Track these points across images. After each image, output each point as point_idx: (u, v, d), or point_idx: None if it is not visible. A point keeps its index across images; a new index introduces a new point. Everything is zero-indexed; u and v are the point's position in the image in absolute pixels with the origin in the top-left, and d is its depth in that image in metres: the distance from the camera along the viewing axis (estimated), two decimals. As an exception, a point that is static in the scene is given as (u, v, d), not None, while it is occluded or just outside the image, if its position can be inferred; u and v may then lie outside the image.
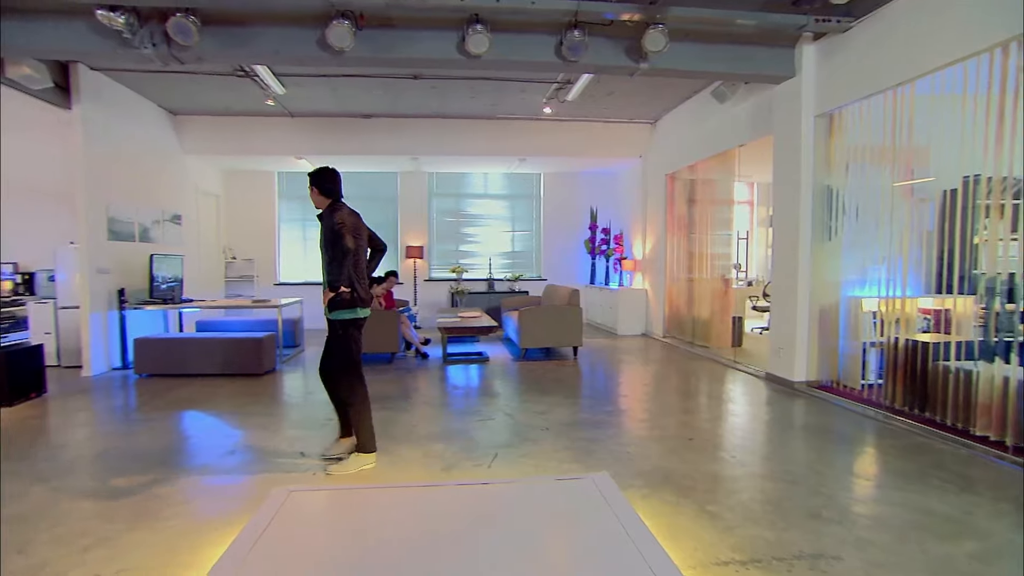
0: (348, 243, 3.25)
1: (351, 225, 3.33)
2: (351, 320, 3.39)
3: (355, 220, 3.42)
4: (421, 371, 6.27)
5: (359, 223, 3.45)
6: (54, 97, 5.83)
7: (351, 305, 3.35)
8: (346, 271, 3.30)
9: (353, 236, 3.30)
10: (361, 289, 3.39)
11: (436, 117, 8.52)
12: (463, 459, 3.53)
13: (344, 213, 3.37)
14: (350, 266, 3.31)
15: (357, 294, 3.36)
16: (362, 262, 3.46)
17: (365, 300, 3.43)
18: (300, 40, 4.61)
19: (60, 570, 2.28)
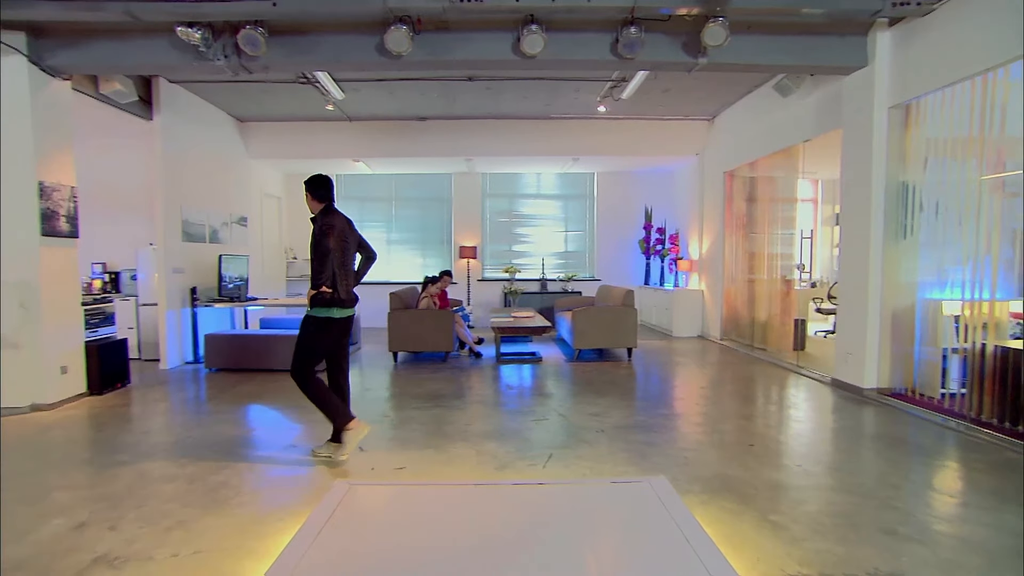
0: (330, 243, 3.41)
1: (338, 228, 3.48)
2: (324, 318, 3.52)
3: (343, 224, 3.57)
4: (474, 370, 6.32)
5: (347, 228, 3.60)
6: (138, 109, 6.24)
7: (328, 304, 3.49)
8: (327, 271, 3.43)
9: (339, 239, 3.46)
10: (343, 291, 3.52)
11: (490, 118, 8.59)
12: (517, 459, 3.54)
13: (332, 217, 3.53)
14: (334, 266, 3.45)
15: (338, 295, 3.50)
16: (348, 265, 3.59)
17: (345, 301, 3.55)
18: (360, 46, 4.74)
19: (146, 547, 2.43)
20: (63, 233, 5.02)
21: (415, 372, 6.22)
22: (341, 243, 3.49)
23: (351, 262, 3.65)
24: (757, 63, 4.93)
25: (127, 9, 4.17)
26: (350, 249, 3.61)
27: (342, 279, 3.51)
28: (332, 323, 3.56)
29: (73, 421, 4.42)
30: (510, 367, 6.50)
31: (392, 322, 6.68)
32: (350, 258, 3.63)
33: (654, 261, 10.23)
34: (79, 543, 2.48)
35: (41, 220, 4.79)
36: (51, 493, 3.03)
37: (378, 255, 3.89)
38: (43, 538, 2.53)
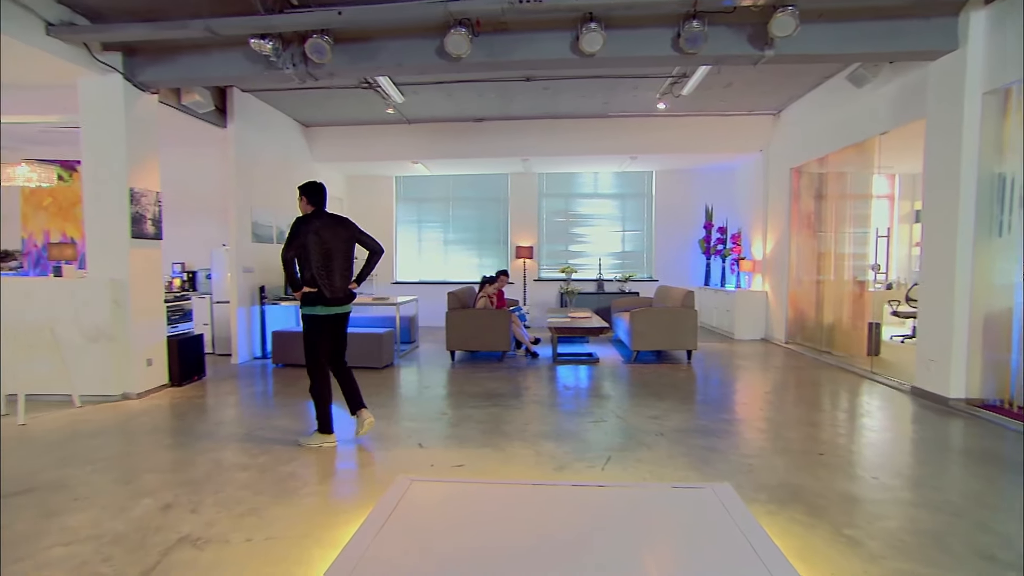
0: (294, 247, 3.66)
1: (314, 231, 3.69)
2: (309, 316, 3.76)
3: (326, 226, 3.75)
4: (531, 370, 6.33)
5: (331, 229, 3.78)
6: (214, 118, 6.62)
7: (312, 303, 3.73)
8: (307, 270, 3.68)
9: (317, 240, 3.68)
10: (326, 290, 3.71)
11: (547, 118, 8.57)
12: (575, 460, 3.51)
13: (309, 223, 3.72)
14: (313, 268, 3.68)
15: (321, 293, 3.68)
16: (331, 266, 3.75)
17: (329, 300, 3.74)
18: (420, 50, 4.84)
19: (223, 531, 2.58)
20: (149, 235, 5.39)
21: (472, 371, 6.29)
22: (320, 247, 3.69)
23: (336, 263, 3.78)
24: (830, 53, 4.68)
25: (207, 25, 4.43)
26: (335, 250, 3.77)
27: (324, 279, 3.71)
28: (319, 320, 3.75)
29: (157, 410, 4.74)
30: (567, 368, 6.46)
31: (450, 321, 6.78)
32: (334, 259, 3.77)
33: (715, 261, 9.92)
34: (166, 523, 2.65)
35: (131, 223, 5.16)
36: (141, 475, 3.26)
37: (384, 249, 4.03)
38: (135, 516, 2.73)
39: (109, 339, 5.04)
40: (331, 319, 3.84)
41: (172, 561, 2.32)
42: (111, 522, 2.67)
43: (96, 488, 3.09)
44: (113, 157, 5.08)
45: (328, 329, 3.84)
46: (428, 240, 10.77)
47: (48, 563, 2.33)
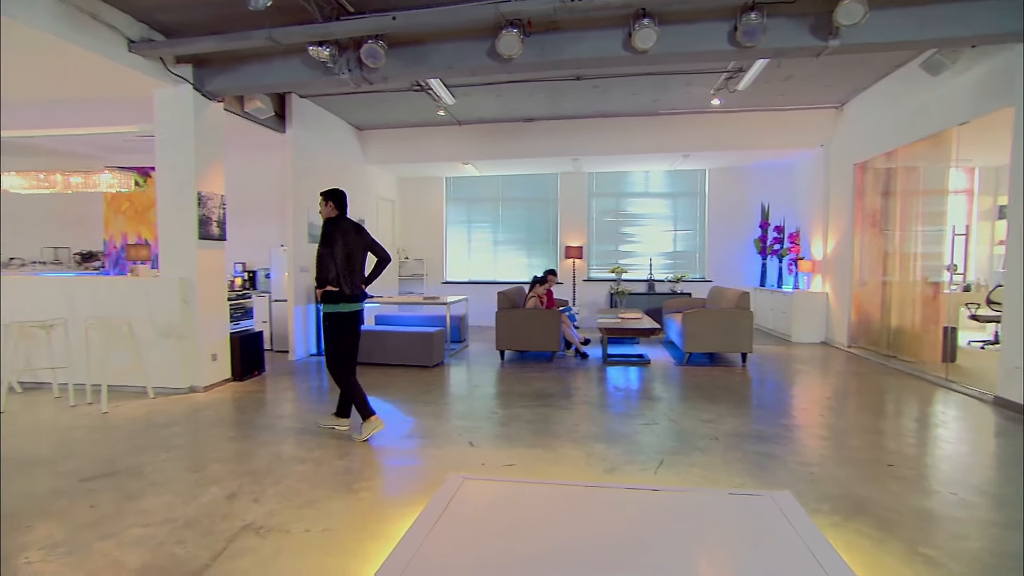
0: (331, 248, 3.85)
1: (341, 233, 3.89)
2: (334, 313, 3.93)
3: (349, 230, 3.95)
4: (581, 371, 6.28)
5: (353, 234, 3.97)
6: (274, 123, 6.90)
7: (335, 300, 3.89)
8: (332, 270, 3.84)
9: (343, 243, 3.87)
10: (347, 287, 3.89)
11: (597, 117, 8.49)
12: (626, 462, 3.46)
13: (339, 226, 3.92)
14: (338, 267, 3.85)
15: (342, 291, 3.86)
16: (355, 265, 3.96)
17: (349, 297, 3.93)
18: (472, 52, 4.88)
19: (284, 520, 2.68)
20: (214, 236, 5.66)
21: (522, 371, 6.30)
22: (346, 249, 3.89)
23: (356, 264, 3.99)
24: (904, 40, 4.40)
25: (270, 35, 4.61)
26: (355, 254, 3.97)
27: (347, 278, 3.89)
28: (344, 317, 3.96)
29: (221, 403, 4.97)
30: (617, 369, 6.38)
31: (500, 321, 6.82)
32: (356, 260, 3.99)
33: (771, 261, 9.57)
34: (231, 510, 2.78)
35: (198, 225, 5.43)
36: (209, 464, 3.43)
37: (391, 258, 4.23)
38: (204, 502, 2.87)
39: (178, 335, 5.32)
40: (353, 316, 4.02)
41: (238, 547, 2.43)
42: (183, 507, 2.82)
43: (169, 475, 3.27)
44: (183, 163, 5.38)
45: (351, 325, 4.02)
46: (477, 240, 10.86)
47: (130, 542, 2.49)
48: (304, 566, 2.31)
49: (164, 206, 5.46)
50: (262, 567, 2.29)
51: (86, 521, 2.70)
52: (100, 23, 4.47)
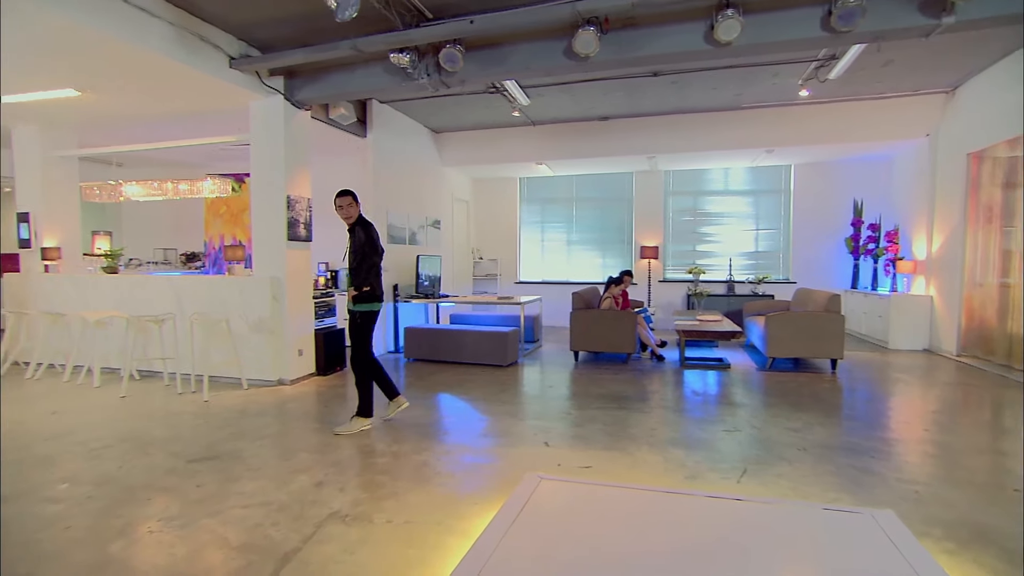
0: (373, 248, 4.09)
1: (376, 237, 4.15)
2: (369, 312, 4.13)
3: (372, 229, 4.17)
4: (657, 374, 6.12)
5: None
6: (356, 129, 7.21)
7: (370, 300, 4.08)
8: (372, 272, 4.08)
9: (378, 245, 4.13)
10: (378, 287, 4.14)
11: (674, 113, 8.25)
12: (707, 470, 3.33)
13: (372, 227, 4.14)
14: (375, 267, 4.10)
15: (374, 291, 4.07)
16: (380, 267, 4.21)
17: (379, 297, 4.17)
18: (548, 52, 4.87)
19: (367, 510, 2.79)
20: (302, 238, 5.99)
21: (596, 372, 6.22)
22: (379, 249, 4.15)
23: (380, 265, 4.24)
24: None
25: (353, 45, 4.82)
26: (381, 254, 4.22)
27: (376, 279, 4.14)
28: (375, 316, 4.20)
29: (306, 396, 5.25)
30: (695, 372, 6.16)
31: (574, 321, 6.77)
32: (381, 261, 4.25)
33: (864, 262, 8.91)
34: (319, 498, 2.93)
35: (287, 227, 5.77)
36: (297, 453, 3.63)
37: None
38: (294, 489, 3.04)
39: (269, 330, 5.67)
40: (377, 315, 4.26)
41: (325, 533, 2.55)
42: (276, 492, 3.00)
43: (263, 461, 3.49)
44: (274, 169, 5.73)
45: (374, 324, 4.27)
46: (551, 240, 10.85)
47: (231, 521, 2.68)
48: (387, 555, 2.38)
49: (257, 209, 5.85)
50: (348, 554, 2.39)
51: (194, 498, 2.93)
52: (207, 43, 4.85)
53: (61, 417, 4.48)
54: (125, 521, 2.70)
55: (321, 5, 4.04)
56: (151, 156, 8.16)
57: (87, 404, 4.89)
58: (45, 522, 2.71)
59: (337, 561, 2.33)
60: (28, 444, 3.83)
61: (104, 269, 6.83)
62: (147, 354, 5.90)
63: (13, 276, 6.92)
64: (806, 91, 6.91)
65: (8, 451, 3.69)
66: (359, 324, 4.18)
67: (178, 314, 5.82)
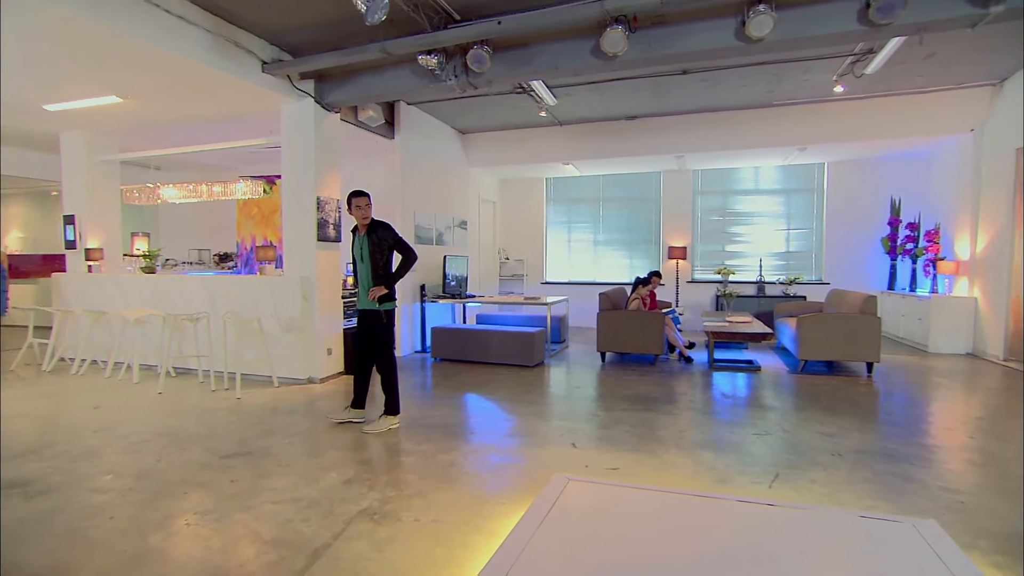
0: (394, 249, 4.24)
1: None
2: (392, 312, 4.23)
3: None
4: (685, 375, 6.04)
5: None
6: (384, 131, 7.29)
7: (393, 299, 4.20)
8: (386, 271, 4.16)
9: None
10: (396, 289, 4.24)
11: (703, 112, 8.13)
12: (737, 473, 3.27)
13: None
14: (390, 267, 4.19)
15: (393, 291, 4.20)
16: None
17: (395, 298, 4.27)
18: (575, 52, 4.85)
19: (395, 508, 2.82)
20: (331, 238, 6.09)
21: (623, 373, 6.17)
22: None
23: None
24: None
25: (382, 47, 4.87)
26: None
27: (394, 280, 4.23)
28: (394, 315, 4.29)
29: (335, 394, 5.32)
30: (724, 375, 6.06)
31: (601, 322, 6.72)
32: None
33: (902, 262, 8.63)
34: (348, 495, 2.97)
35: (317, 228, 5.86)
36: (327, 451, 3.68)
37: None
38: (324, 486, 3.09)
39: (299, 330, 5.78)
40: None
41: (355, 530, 2.59)
42: (306, 489, 3.05)
43: (293, 457, 3.55)
44: (305, 171, 5.83)
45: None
46: (578, 241, 10.80)
47: (263, 516, 2.74)
48: (415, 554, 2.40)
49: (288, 211, 5.96)
50: (377, 551, 2.41)
51: (228, 493, 3.01)
52: (240, 49, 4.97)
53: (103, 412, 4.64)
54: (164, 514, 2.78)
55: (351, 9, 4.09)
56: (186, 159, 8.39)
57: (127, 400, 5.06)
58: (92, 511, 2.81)
59: (366, 558, 2.36)
60: (74, 437, 3.98)
61: (143, 269, 7.06)
62: (182, 352, 6.06)
63: (60, 276, 7.20)
64: (841, 87, 6.73)
65: (57, 443, 3.85)
66: (386, 324, 4.22)
67: (212, 313, 5.97)
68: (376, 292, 4.09)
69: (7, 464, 3.47)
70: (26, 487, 3.12)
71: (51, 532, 2.61)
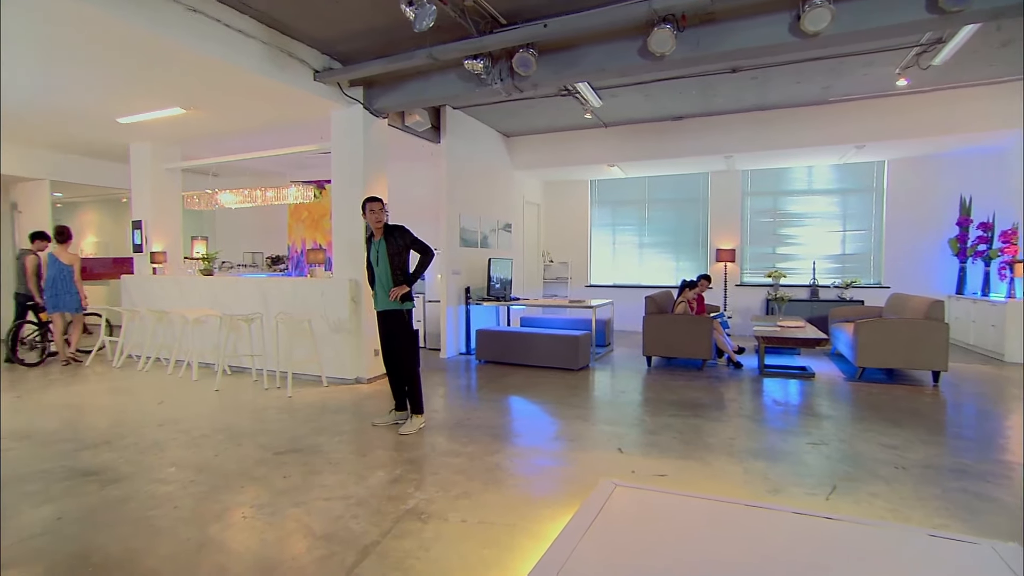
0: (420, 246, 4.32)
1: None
2: (412, 310, 4.32)
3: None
4: (734, 381, 5.87)
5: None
6: (430, 135, 7.40)
7: (411, 298, 4.27)
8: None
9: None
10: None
11: (754, 110, 7.90)
12: (791, 484, 3.15)
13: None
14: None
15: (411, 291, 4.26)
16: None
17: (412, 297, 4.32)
18: (622, 52, 4.80)
19: (442, 508, 2.84)
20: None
21: (670, 378, 6.05)
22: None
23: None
24: None
25: (430, 53, 4.96)
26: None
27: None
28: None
29: (381, 394, 5.42)
30: (776, 381, 5.85)
31: (647, 326, 6.61)
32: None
33: (973, 265, 8.13)
34: (396, 493, 3.02)
35: (365, 231, 5.99)
36: (374, 450, 3.76)
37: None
38: (372, 484, 3.16)
39: (347, 330, 5.92)
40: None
41: (402, 528, 2.63)
42: (354, 486, 3.12)
43: (342, 456, 3.64)
44: (353, 175, 5.98)
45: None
46: (622, 243, 10.66)
47: (315, 511, 2.82)
48: (462, 554, 2.42)
49: (337, 214, 6.12)
50: (424, 550, 2.44)
51: (281, 488, 3.11)
52: (294, 59, 5.15)
53: (166, 407, 4.89)
54: (223, 506, 2.90)
55: (400, 17, 4.18)
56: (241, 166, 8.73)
57: (187, 396, 5.30)
58: (158, 501, 2.96)
59: (415, 557, 2.39)
60: (140, 429, 4.21)
61: (201, 271, 7.40)
62: (237, 351, 6.31)
63: (128, 278, 7.63)
64: (904, 80, 6.40)
65: (127, 435, 4.07)
66: (408, 322, 4.31)
67: (265, 313, 6.19)
68: (399, 291, 4.16)
69: (85, 453, 3.70)
70: (100, 475, 3.32)
71: (123, 519, 2.76)
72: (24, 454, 3.71)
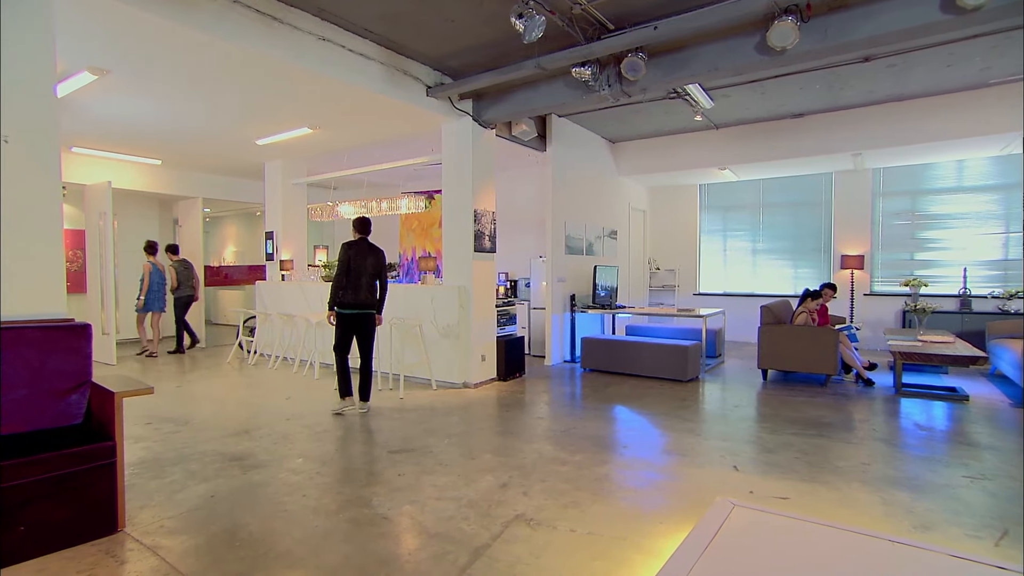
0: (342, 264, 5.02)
1: (344, 255, 5.07)
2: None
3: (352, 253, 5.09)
4: (864, 400, 5.32)
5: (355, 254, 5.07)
6: (536, 144, 7.49)
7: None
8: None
9: (344, 261, 5.04)
10: (344, 296, 4.97)
11: (888, 102, 7.16)
12: (945, 522, 2.78)
13: (347, 248, 5.10)
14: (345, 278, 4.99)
15: (338, 298, 4.97)
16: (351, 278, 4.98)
17: (341, 303, 4.97)
18: (737, 49, 4.56)
19: (550, 516, 2.84)
20: (486, 249, 6.37)
21: (788, 394, 5.61)
22: (344, 265, 4.96)
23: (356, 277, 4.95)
24: None
25: (537, 63, 5.01)
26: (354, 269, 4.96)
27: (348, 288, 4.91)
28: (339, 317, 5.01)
29: (488, 399, 5.54)
30: (916, 402, 5.23)
31: (763, 337, 6.20)
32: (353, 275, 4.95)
33: None
34: (504, 499, 3.05)
35: (474, 239, 6.18)
36: (482, 454, 3.84)
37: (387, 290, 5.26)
38: (482, 488, 3.22)
39: (456, 336, 6.11)
40: (344, 317, 5.05)
41: (512, 534, 2.65)
42: (465, 488, 3.20)
43: (451, 458, 3.75)
44: (463, 185, 6.19)
45: (343, 325, 5.07)
46: (734, 250, 10.11)
47: (428, 510, 2.92)
48: (572, 564, 2.39)
49: (448, 223, 6.36)
50: (534, 557, 2.44)
51: (396, 486, 3.26)
52: (408, 76, 5.44)
53: (293, 402, 5.33)
54: (345, 497, 3.10)
55: (509, 30, 4.27)
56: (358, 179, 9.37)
57: (310, 393, 5.74)
58: (289, 489, 3.23)
59: (524, 563, 2.40)
60: (273, 422, 4.62)
61: (323, 278, 8.00)
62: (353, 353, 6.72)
63: (261, 284, 8.45)
64: (1084, 57, 5.50)
65: (262, 427, 4.50)
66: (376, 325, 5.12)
67: (380, 318, 6.56)
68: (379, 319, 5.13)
69: (230, 440, 4.13)
70: (243, 461, 3.68)
71: (262, 502, 3.04)
72: (187, 437, 4.21)
